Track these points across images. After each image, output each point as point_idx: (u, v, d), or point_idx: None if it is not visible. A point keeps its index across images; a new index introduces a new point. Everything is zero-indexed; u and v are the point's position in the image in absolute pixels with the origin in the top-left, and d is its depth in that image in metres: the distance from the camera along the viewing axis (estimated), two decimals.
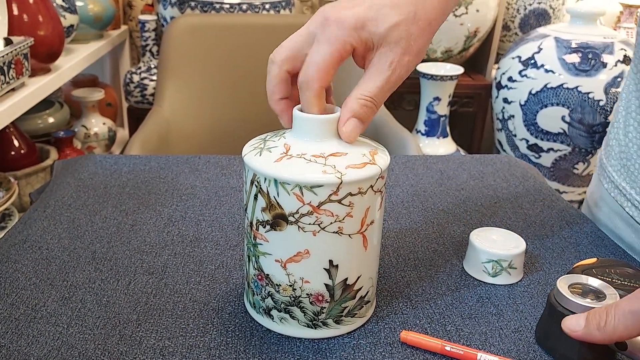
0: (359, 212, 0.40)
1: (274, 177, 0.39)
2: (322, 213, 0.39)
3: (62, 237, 0.56)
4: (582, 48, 1.45)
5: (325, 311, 0.42)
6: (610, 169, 0.63)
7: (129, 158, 0.75)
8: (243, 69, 1.34)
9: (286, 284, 0.41)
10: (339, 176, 0.38)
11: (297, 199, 0.38)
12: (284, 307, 0.42)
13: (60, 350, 0.41)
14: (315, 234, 0.39)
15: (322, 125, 0.41)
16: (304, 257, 0.40)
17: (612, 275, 0.46)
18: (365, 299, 0.44)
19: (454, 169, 0.75)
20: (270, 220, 0.40)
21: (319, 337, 0.43)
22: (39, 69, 1.15)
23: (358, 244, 0.41)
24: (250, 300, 0.45)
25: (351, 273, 0.42)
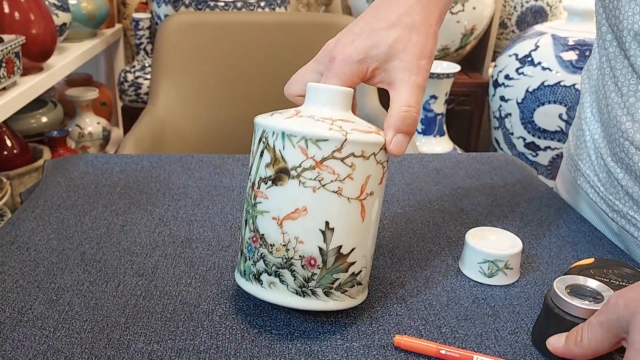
0: (360, 177, 0.41)
1: (281, 130, 0.40)
2: (324, 169, 0.40)
3: (50, 238, 0.55)
4: (580, 45, 1.45)
5: (315, 278, 0.41)
6: (576, 158, 0.65)
7: (121, 157, 0.74)
8: (238, 68, 1.33)
9: (280, 243, 0.41)
10: (344, 134, 0.39)
11: (302, 152, 0.39)
12: (274, 270, 0.41)
13: (46, 355, 0.40)
14: (315, 190, 0.40)
15: (333, 95, 0.43)
16: (301, 215, 0.40)
17: (610, 275, 0.45)
18: (357, 278, 0.43)
19: (450, 168, 0.75)
20: (273, 175, 0.41)
21: (307, 309, 0.42)
22: (31, 68, 1.14)
23: (356, 211, 0.41)
24: (242, 268, 0.44)
25: (346, 242, 0.41)
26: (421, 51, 0.44)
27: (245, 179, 0.69)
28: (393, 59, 0.44)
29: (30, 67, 1.13)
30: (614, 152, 0.56)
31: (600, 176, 0.60)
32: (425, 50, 0.44)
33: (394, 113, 0.43)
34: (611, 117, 0.56)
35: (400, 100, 0.43)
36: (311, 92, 0.44)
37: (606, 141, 0.58)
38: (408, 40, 0.44)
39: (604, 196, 0.60)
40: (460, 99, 1.78)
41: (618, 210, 0.58)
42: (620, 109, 0.54)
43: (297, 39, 1.32)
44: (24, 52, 1.04)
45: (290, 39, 1.32)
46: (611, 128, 0.56)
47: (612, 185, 0.58)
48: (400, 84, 0.44)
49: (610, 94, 0.57)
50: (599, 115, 0.60)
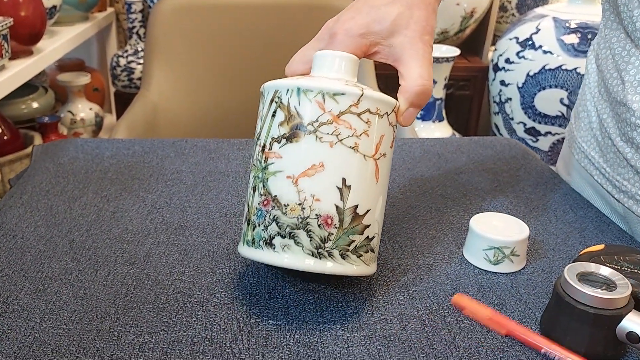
0: (375, 135, 0.41)
1: (297, 86, 0.40)
2: (341, 124, 0.39)
3: (38, 225, 0.52)
4: (581, 28, 1.42)
5: (332, 238, 0.39)
6: (580, 140, 0.63)
7: (112, 142, 0.71)
8: (232, 51, 1.31)
9: (295, 202, 0.39)
10: (360, 89, 0.40)
11: (319, 106, 0.39)
12: (289, 232, 0.39)
13: (32, 347, 0.38)
14: (332, 145, 0.39)
15: (340, 60, 0.43)
16: (317, 171, 0.39)
17: (621, 262, 0.44)
18: (371, 244, 0.42)
19: (452, 152, 0.73)
20: (287, 133, 0.40)
21: (323, 271, 0.39)
22: (20, 52, 1.11)
23: (371, 171, 0.41)
24: (249, 237, 0.41)
25: (362, 202, 0.40)
26: (423, 27, 0.44)
27: (241, 164, 0.67)
28: (396, 35, 0.44)
29: (19, 51, 1.10)
30: (623, 132, 0.55)
31: (608, 157, 0.58)
32: (427, 26, 0.44)
33: (409, 87, 0.43)
34: (620, 95, 0.54)
35: (413, 74, 0.43)
36: (318, 59, 0.43)
37: (615, 121, 0.56)
38: (410, 17, 0.44)
39: (610, 177, 0.58)
40: (459, 83, 1.75)
41: (626, 190, 0.56)
42: (632, 87, 0.52)
43: (292, 21, 1.29)
44: (13, 35, 1.01)
45: (285, 21, 1.29)
46: (620, 107, 0.54)
47: (621, 166, 0.56)
48: (409, 59, 0.44)
49: (619, 72, 0.55)
50: (607, 95, 0.58)
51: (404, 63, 0.44)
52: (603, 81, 0.59)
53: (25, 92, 1.38)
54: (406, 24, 0.44)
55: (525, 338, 0.40)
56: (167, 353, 0.38)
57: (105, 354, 0.38)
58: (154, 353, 0.38)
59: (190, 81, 1.30)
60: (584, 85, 0.65)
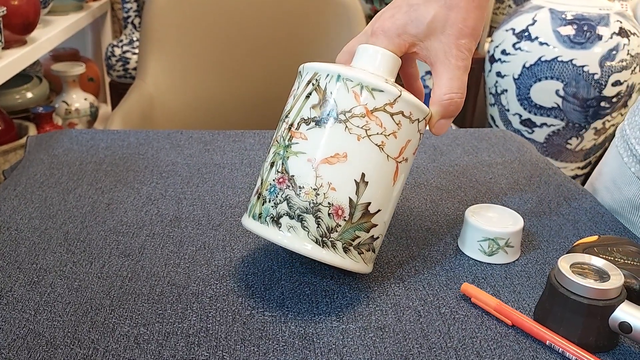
0: (403, 138, 0.41)
1: (338, 73, 0.40)
2: (372, 119, 0.39)
3: (32, 217, 0.52)
4: (578, 20, 1.42)
5: (339, 230, 0.40)
6: (634, 141, 0.58)
7: (107, 133, 0.71)
8: (229, 42, 1.30)
9: (311, 186, 0.39)
10: (399, 90, 0.40)
11: (355, 97, 0.39)
12: (297, 214, 0.39)
13: (27, 339, 0.38)
14: (359, 138, 0.39)
15: (382, 57, 0.43)
16: (340, 161, 0.39)
17: (614, 254, 0.44)
18: (374, 243, 0.42)
19: (447, 144, 0.73)
20: (318, 117, 0.40)
21: (323, 260, 0.40)
22: (13, 41, 1.10)
23: (391, 171, 0.41)
24: (257, 211, 0.41)
25: (375, 200, 0.40)
26: (460, 29, 0.42)
27: (236, 156, 0.67)
28: (431, 39, 0.43)
29: (12, 41, 1.09)
30: None
31: None
32: (465, 28, 0.42)
33: (437, 100, 0.43)
34: None
35: (442, 87, 0.43)
36: (360, 52, 0.44)
37: None
38: (445, 20, 0.42)
39: None
40: None
41: None
42: None
43: (289, 12, 1.29)
44: (6, 25, 1.00)
45: (282, 12, 1.28)
46: None
47: None
48: (441, 68, 0.43)
49: None
50: None
51: (436, 72, 0.43)
52: None
53: (20, 82, 1.37)
54: (442, 28, 0.43)
55: (531, 329, 0.40)
56: (162, 345, 0.38)
57: (100, 345, 0.38)
58: (149, 345, 0.38)
59: (186, 72, 1.29)
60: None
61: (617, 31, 1.41)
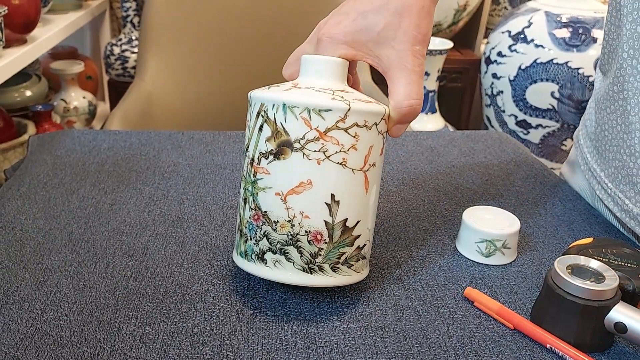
0: (363, 147, 0.40)
1: (282, 102, 0.39)
2: (328, 140, 0.39)
3: (37, 217, 0.53)
4: (573, 23, 1.43)
5: (322, 253, 0.40)
6: (585, 150, 0.60)
7: (109, 133, 0.71)
8: (228, 41, 1.30)
9: (285, 219, 0.40)
10: (347, 103, 0.39)
11: (305, 123, 0.39)
12: (279, 248, 0.40)
13: (34, 338, 0.39)
14: (319, 162, 0.39)
15: (329, 66, 0.42)
16: (306, 189, 0.39)
17: (609, 255, 0.45)
18: (362, 252, 0.42)
19: (444, 146, 0.74)
20: (275, 149, 0.40)
21: (314, 285, 0.40)
22: (14, 40, 1.10)
23: (360, 183, 0.40)
24: (242, 249, 0.42)
25: (351, 214, 0.40)
26: (414, 36, 0.42)
27: (237, 157, 0.68)
28: (383, 47, 0.42)
29: (13, 39, 1.09)
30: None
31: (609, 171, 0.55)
32: (418, 35, 0.42)
33: (396, 107, 0.42)
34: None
35: (400, 93, 0.42)
36: (305, 64, 0.43)
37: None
38: (398, 27, 0.42)
39: (612, 193, 0.55)
40: (452, 75, 1.76)
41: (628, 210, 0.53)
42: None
43: (287, 12, 1.29)
44: (7, 24, 1.01)
45: (280, 12, 1.29)
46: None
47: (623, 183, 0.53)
48: (397, 75, 0.42)
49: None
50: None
51: (391, 79, 0.42)
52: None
53: (19, 80, 1.37)
54: (393, 36, 0.42)
55: (533, 332, 0.41)
56: (168, 344, 0.39)
57: (106, 344, 0.39)
58: (154, 344, 0.39)
59: (186, 71, 1.30)
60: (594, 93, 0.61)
61: None
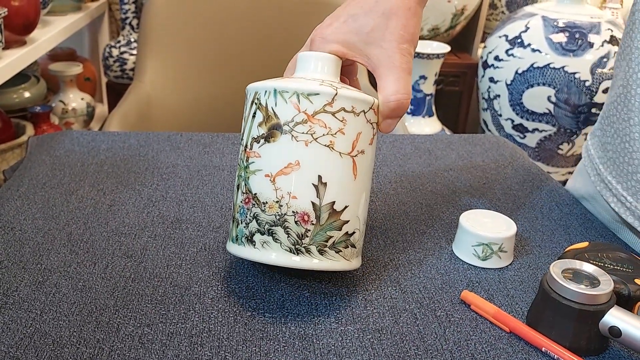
0: (351, 132, 0.41)
1: (273, 88, 0.41)
2: (315, 122, 0.40)
3: (36, 217, 0.53)
4: (569, 28, 1.44)
5: (309, 235, 0.41)
6: (598, 161, 0.59)
7: (107, 135, 0.72)
8: (227, 44, 1.31)
9: (273, 200, 0.41)
10: (334, 88, 0.40)
11: (294, 106, 0.40)
12: (267, 229, 0.41)
13: (33, 338, 0.39)
14: (307, 144, 0.40)
15: (321, 61, 0.44)
16: (294, 169, 0.40)
17: (604, 260, 0.45)
18: (351, 239, 0.42)
19: (442, 149, 0.74)
20: (265, 133, 0.41)
21: (301, 267, 0.41)
22: (13, 41, 1.10)
23: (348, 167, 0.41)
24: (234, 234, 0.43)
25: (339, 198, 0.41)
26: (401, 36, 0.44)
27: (235, 158, 0.68)
28: (372, 47, 0.44)
29: (12, 41, 1.10)
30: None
31: (629, 184, 0.53)
32: (405, 35, 0.44)
33: (385, 101, 0.44)
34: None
35: (388, 89, 0.44)
36: (301, 61, 0.45)
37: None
38: (385, 28, 0.44)
39: (631, 206, 0.54)
40: (449, 79, 1.77)
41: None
42: None
43: (286, 14, 1.30)
44: (6, 25, 1.01)
45: (279, 14, 1.30)
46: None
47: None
48: (386, 73, 0.44)
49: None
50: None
51: (380, 76, 0.44)
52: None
53: (18, 82, 1.37)
54: (382, 36, 0.44)
55: (528, 336, 0.41)
56: (166, 345, 0.39)
57: (105, 345, 0.39)
58: (153, 345, 0.39)
59: (184, 73, 1.30)
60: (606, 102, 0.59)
61: (608, 39, 1.43)
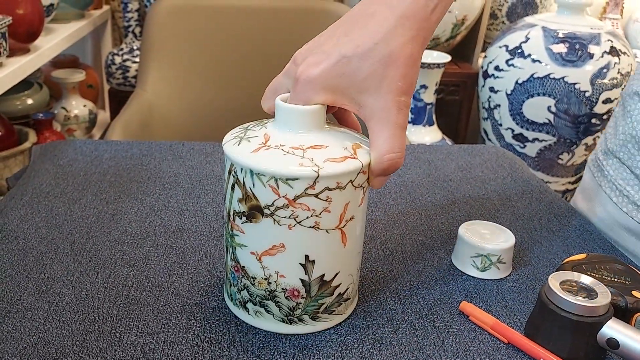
0: (338, 208, 0.39)
1: (249, 168, 0.38)
2: (298, 207, 0.38)
3: (39, 226, 0.54)
4: (569, 38, 1.45)
5: (301, 307, 0.41)
6: (608, 167, 0.59)
7: (110, 144, 0.72)
8: (229, 53, 1.32)
9: (261, 277, 0.40)
10: (316, 169, 0.37)
11: (273, 191, 0.37)
12: (259, 301, 0.41)
13: (37, 347, 0.39)
14: (290, 227, 0.38)
15: (303, 116, 0.40)
16: (279, 251, 0.39)
17: (602, 271, 0.46)
18: (344, 296, 0.43)
19: (441, 160, 0.75)
20: (246, 212, 0.39)
21: (294, 333, 0.42)
22: (17, 49, 1.11)
23: (336, 240, 0.40)
24: (228, 291, 0.44)
25: (328, 269, 0.40)
26: (399, 87, 0.39)
27: None
28: (366, 95, 0.39)
29: (16, 48, 1.10)
30: None
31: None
32: (403, 86, 0.39)
33: (377, 161, 0.40)
34: None
35: (382, 146, 0.39)
36: (279, 112, 0.41)
37: None
38: (383, 78, 0.39)
39: None
40: (449, 89, 1.77)
41: None
42: None
43: (288, 25, 1.31)
44: (11, 33, 1.02)
45: (282, 25, 1.31)
46: None
47: None
48: (380, 128, 0.40)
49: None
50: None
51: (373, 131, 0.40)
52: None
53: (21, 89, 1.38)
54: (378, 85, 0.39)
55: (527, 347, 0.42)
56: (168, 354, 0.40)
57: (108, 354, 0.39)
58: (154, 354, 0.40)
59: (186, 82, 1.31)
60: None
61: (608, 50, 1.44)
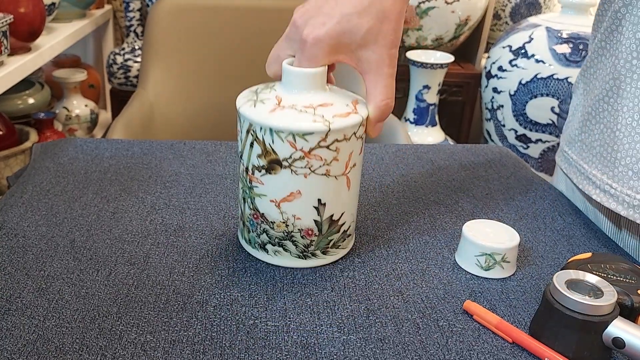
0: (344, 156, 0.45)
1: (269, 127, 0.43)
2: (312, 158, 0.44)
3: (39, 224, 0.53)
4: (573, 39, 1.44)
5: (314, 244, 0.48)
6: (581, 162, 0.60)
7: (111, 142, 0.72)
8: (230, 53, 1.31)
9: (280, 221, 0.46)
10: (327, 125, 0.43)
11: (291, 145, 0.43)
12: (277, 242, 0.48)
13: (36, 345, 0.39)
14: (306, 176, 0.44)
15: (309, 78, 0.45)
16: (296, 197, 0.45)
17: (607, 270, 0.45)
18: (347, 233, 0.50)
19: (444, 159, 0.74)
20: (266, 165, 0.45)
21: (309, 267, 0.49)
22: (18, 48, 1.11)
23: (343, 185, 0.46)
24: (246, 237, 0.50)
25: (336, 210, 0.47)
26: (391, 40, 0.45)
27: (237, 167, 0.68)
28: (364, 49, 0.45)
29: (18, 47, 1.10)
30: None
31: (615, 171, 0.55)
32: (395, 39, 0.46)
33: (374, 107, 0.46)
34: None
35: (378, 95, 0.46)
36: (287, 75, 0.46)
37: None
38: (379, 32, 0.45)
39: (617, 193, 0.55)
40: (452, 89, 1.77)
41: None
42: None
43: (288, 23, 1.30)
44: (12, 32, 1.02)
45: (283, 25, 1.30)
46: None
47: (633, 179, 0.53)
48: (375, 77, 0.46)
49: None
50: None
51: (370, 81, 0.46)
52: None
53: (22, 88, 1.38)
54: (374, 40, 0.45)
55: (531, 346, 0.41)
56: (169, 352, 0.39)
57: (108, 352, 0.39)
58: (155, 352, 0.39)
59: (188, 81, 1.31)
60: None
61: None
